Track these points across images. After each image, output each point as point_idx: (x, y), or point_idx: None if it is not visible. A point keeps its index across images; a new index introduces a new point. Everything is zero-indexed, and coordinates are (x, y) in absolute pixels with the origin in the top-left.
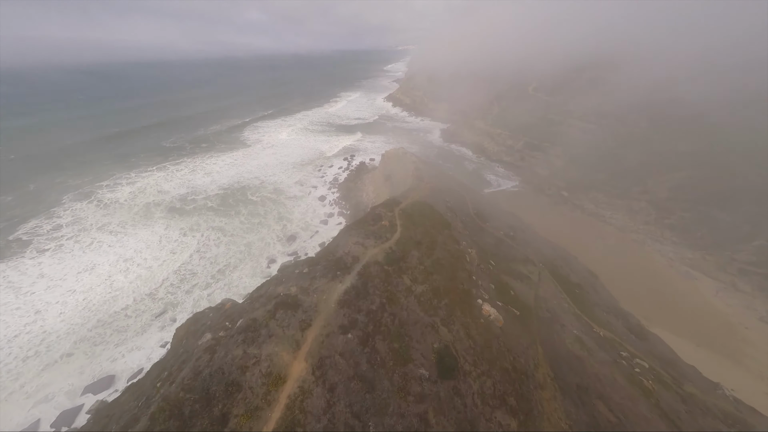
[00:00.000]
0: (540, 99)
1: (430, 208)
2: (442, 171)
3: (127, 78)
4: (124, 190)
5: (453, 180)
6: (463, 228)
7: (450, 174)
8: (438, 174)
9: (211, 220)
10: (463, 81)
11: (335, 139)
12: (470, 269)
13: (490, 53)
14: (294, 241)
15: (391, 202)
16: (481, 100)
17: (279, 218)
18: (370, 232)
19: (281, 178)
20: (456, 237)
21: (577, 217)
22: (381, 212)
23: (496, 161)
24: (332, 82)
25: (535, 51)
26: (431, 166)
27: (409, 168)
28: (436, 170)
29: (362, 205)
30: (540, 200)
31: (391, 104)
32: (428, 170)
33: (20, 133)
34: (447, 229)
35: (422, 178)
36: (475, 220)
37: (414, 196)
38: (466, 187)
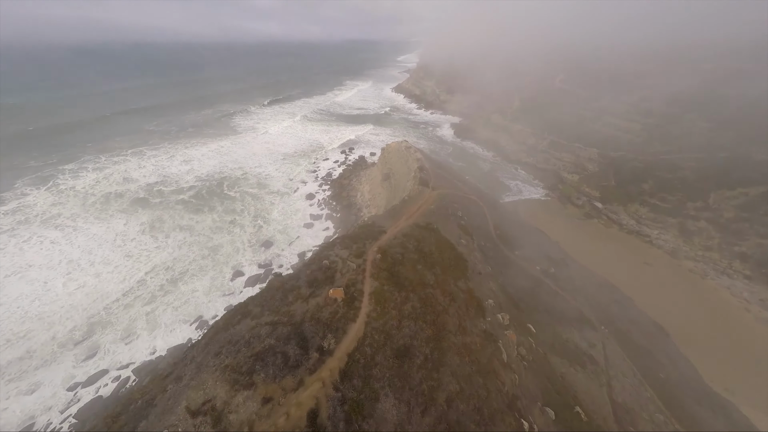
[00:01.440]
0: (568, 92)
1: (434, 238)
2: (452, 172)
3: (125, 59)
4: (88, 177)
5: (466, 184)
6: (483, 261)
7: (462, 176)
8: (447, 176)
9: (179, 216)
10: (479, 71)
11: (335, 130)
12: (509, 382)
13: (511, 42)
14: (269, 247)
15: (366, 232)
16: (499, 92)
17: (256, 217)
18: (289, 332)
19: (268, 171)
20: (477, 295)
21: (614, 235)
22: (338, 260)
23: (515, 162)
24: (339, 71)
25: (563, 40)
26: (440, 166)
27: (412, 166)
28: (445, 171)
29: (355, 207)
30: (568, 211)
31: (399, 95)
32: (435, 171)
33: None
34: (461, 274)
35: (427, 180)
36: (499, 247)
37: (413, 211)
38: (482, 194)
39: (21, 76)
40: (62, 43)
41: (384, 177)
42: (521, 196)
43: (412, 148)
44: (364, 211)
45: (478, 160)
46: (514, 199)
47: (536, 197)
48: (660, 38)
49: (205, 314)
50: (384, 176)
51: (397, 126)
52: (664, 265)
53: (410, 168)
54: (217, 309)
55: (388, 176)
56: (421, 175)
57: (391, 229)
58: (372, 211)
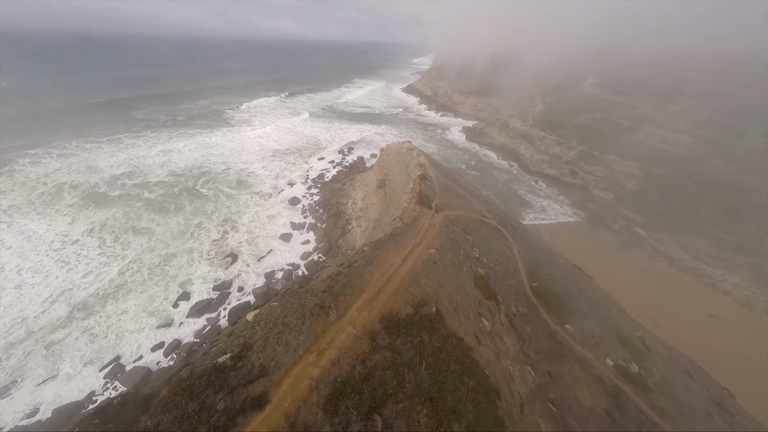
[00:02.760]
0: (600, 97)
1: (435, 341)
2: (463, 183)
3: (133, 49)
4: (50, 164)
5: (482, 201)
6: (520, 357)
7: (476, 188)
8: (457, 188)
9: (137, 215)
10: (497, 72)
11: (337, 128)
12: None
13: (532, 43)
14: (233, 262)
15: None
16: (519, 94)
17: (225, 221)
18: None
19: (254, 168)
20: None
21: (662, 272)
22: None
23: (535, 173)
24: (349, 70)
25: (592, 42)
26: (448, 175)
27: (412, 174)
28: (454, 181)
29: (343, 218)
30: (602, 237)
31: (410, 96)
32: (442, 181)
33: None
34: None
35: (429, 197)
36: (541, 316)
37: (403, 260)
38: (503, 216)
39: (24, 61)
40: (76, 31)
41: (379, 184)
42: (545, 216)
43: (415, 150)
44: (353, 223)
45: (492, 169)
46: (537, 219)
47: (564, 219)
48: (708, 43)
49: (124, 354)
50: (379, 183)
51: (404, 127)
52: (737, 320)
53: (410, 176)
54: (143, 347)
55: (383, 183)
56: (422, 189)
57: (362, 311)
58: (362, 224)
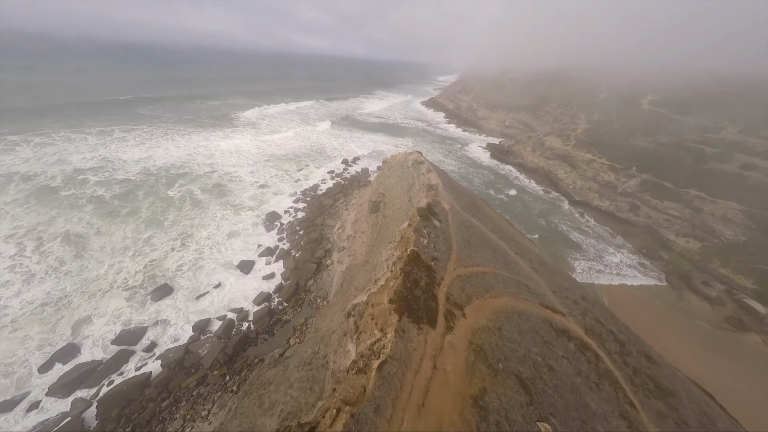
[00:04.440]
0: (664, 117)
1: None
2: (491, 216)
3: (168, 56)
4: (21, 152)
5: (524, 251)
6: None
7: (510, 227)
8: (486, 233)
9: (78, 220)
10: (530, 86)
11: (346, 136)
12: None
13: (575, 53)
14: (162, 298)
15: None
16: (556, 110)
17: (180, 236)
18: None
19: (240, 173)
20: None
21: None
22: None
23: (580, 204)
24: (372, 83)
25: (645, 55)
26: (469, 203)
27: (416, 198)
28: (479, 215)
29: (324, 246)
30: (690, 307)
31: (430, 109)
32: (461, 216)
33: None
34: None
35: (439, 250)
36: None
37: None
38: (577, 297)
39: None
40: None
41: (372, 207)
42: (601, 265)
43: (425, 165)
44: (333, 257)
45: (524, 193)
46: (592, 272)
47: (629, 273)
48: None
49: None
50: (372, 206)
51: (420, 139)
52: None
53: (412, 201)
54: None
55: (377, 206)
56: (419, 241)
57: None
58: (344, 260)
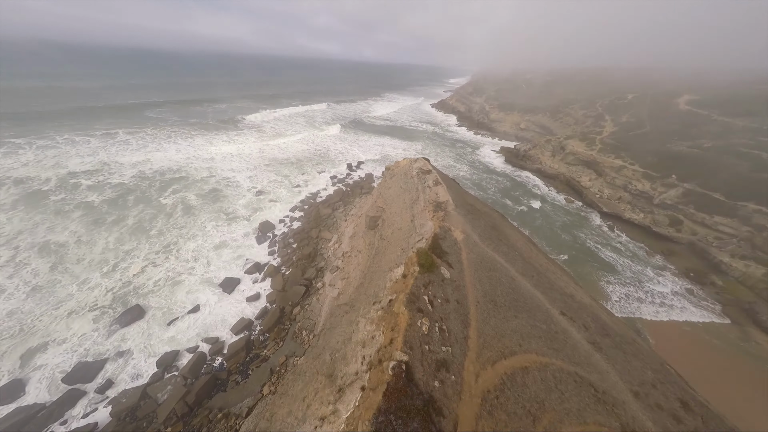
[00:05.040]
0: (707, 119)
1: None
2: (507, 237)
3: (180, 62)
4: (23, 155)
5: (559, 296)
6: None
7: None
8: (502, 265)
9: (63, 227)
10: (548, 87)
11: (352, 140)
12: None
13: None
14: (131, 322)
15: None
16: (578, 111)
17: (165, 248)
18: None
19: (239, 178)
20: None
21: None
22: None
23: (609, 216)
24: (382, 86)
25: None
26: (481, 221)
27: (422, 223)
28: (496, 240)
29: (317, 264)
30: (758, 350)
31: (440, 111)
32: (480, 250)
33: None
34: None
35: (450, 319)
36: None
37: None
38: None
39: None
40: (141, 48)
41: (369, 223)
42: (640, 292)
43: (432, 175)
44: (325, 278)
45: (545, 203)
46: (631, 300)
47: (676, 306)
48: None
49: None
50: (370, 222)
51: (429, 143)
52: None
53: (415, 227)
54: None
55: (375, 222)
56: (420, 332)
57: None
58: (336, 284)
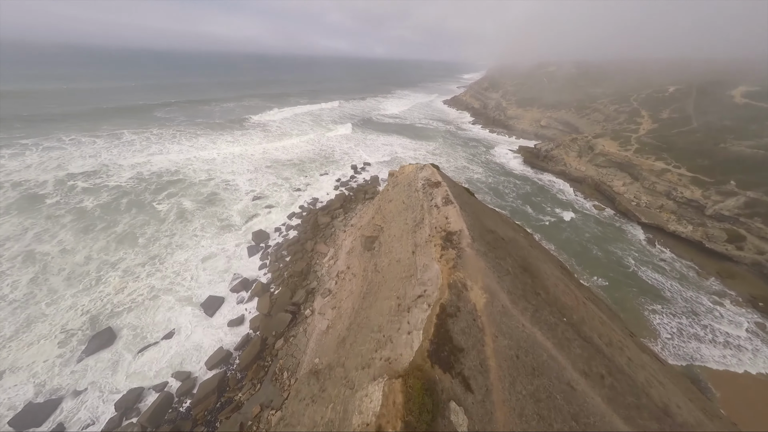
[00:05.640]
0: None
1: None
2: (535, 274)
3: (193, 62)
4: (28, 157)
5: None
6: None
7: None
8: (555, 359)
9: (53, 234)
10: (572, 80)
11: (359, 139)
12: None
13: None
14: (98, 350)
15: None
16: (608, 107)
17: (151, 260)
18: None
19: (239, 181)
20: None
21: None
22: None
23: (649, 228)
24: (392, 82)
25: (734, 34)
26: (509, 260)
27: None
28: (532, 296)
29: (308, 284)
30: None
31: (453, 108)
32: (501, 320)
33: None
34: None
35: None
36: None
37: None
38: None
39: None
40: (158, 50)
41: (365, 243)
42: (696, 327)
43: (442, 188)
44: (315, 303)
45: (570, 209)
46: (680, 334)
47: (745, 348)
48: None
49: None
50: (366, 242)
51: (441, 142)
52: None
53: (418, 263)
54: None
55: (371, 243)
56: None
57: None
58: (327, 313)
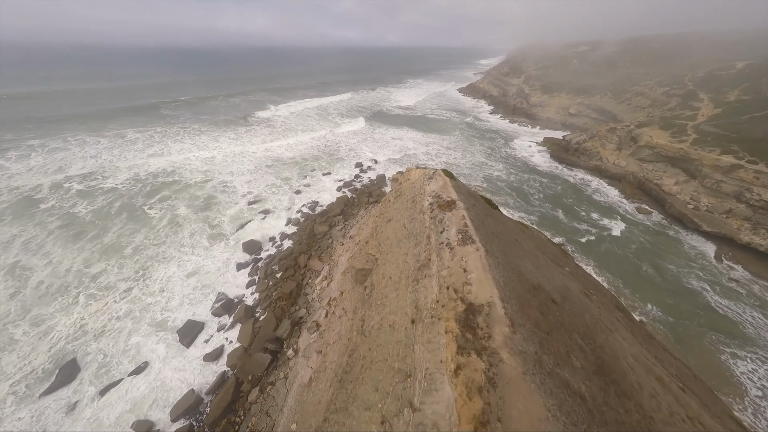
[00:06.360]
0: None
1: None
2: (590, 333)
3: (209, 57)
4: (34, 159)
5: None
6: None
7: None
8: None
9: (40, 243)
10: (609, 59)
11: (366, 133)
12: None
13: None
14: (55, 389)
15: None
16: (654, 90)
17: (137, 273)
18: None
19: (237, 182)
20: None
21: None
22: None
23: (715, 237)
24: (405, 71)
25: None
26: (566, 360)
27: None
28: None
29: (295, 309)
30: None
31: (469, 97)
32: None
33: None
34: None
35: None
36: None
37: None
38: None
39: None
40: (171, 46)
41: (357, 276)
42: None
43: (458, 209)
44: (300, 341)
45: (612, 216)
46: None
47: None
48: None
49: None
50: (357, 275)
51: (456, 135)
52: None
53: (419, 354)
54: None
55: (364, 276)
56: None
57: None
58: (312, 356)
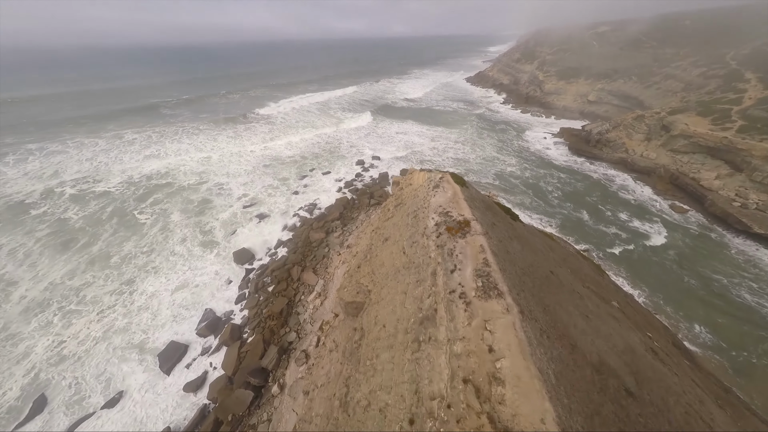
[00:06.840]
0: None
1: None
2: None
3: (213, 55)
4: (30, 164)
5: None
6: None
7: None
8: None
9: (25, 253)
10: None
11: (369, 128)
12: None
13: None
14: (21, 425)
15: None
16: (689, 71)
17: (126, 285)
18: None
19: (232, 184)
20: None
21: None
22: None
23: (765, 239)
24: (411, 62)
25: None
26: None
27: None
28: None
29: (284, 333)
30: None
31: (478, 86)
32: None
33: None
34: None
35: None
36: None
37: None
38: None
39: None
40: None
41: (347, 309)
42: None
43: (475, 234)
44: (287, 373)
45: (644, 218)
46: None
47: None
48: None
49: None
50: (346, 309)
51: (465, 128)
52: None
53: None
54: None
55: (356, 310)
56: None
57: None
58: (298, 397)
